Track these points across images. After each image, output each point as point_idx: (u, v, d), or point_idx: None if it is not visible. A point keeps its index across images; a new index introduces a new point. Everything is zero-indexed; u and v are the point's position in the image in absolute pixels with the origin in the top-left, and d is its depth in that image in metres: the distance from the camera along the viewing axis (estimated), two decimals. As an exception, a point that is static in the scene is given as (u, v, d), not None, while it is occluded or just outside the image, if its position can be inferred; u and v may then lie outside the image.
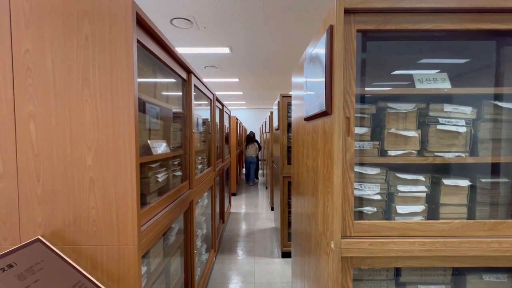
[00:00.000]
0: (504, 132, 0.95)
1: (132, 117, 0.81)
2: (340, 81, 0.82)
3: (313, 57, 1.03)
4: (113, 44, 0.80)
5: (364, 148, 0.96)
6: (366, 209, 0.95)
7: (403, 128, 0.97)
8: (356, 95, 0.92)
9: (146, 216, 0.96)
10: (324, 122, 0.94)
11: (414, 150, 0.96)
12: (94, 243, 0.83)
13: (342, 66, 0.82)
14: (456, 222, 0.86)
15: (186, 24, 3.12)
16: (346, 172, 0.84)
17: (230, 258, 2.66)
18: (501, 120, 0.95)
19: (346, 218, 0.85)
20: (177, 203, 1.33)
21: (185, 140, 1.61)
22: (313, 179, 1.11)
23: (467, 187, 0.96)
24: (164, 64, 1.19)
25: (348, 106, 0.83)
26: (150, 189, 1.12)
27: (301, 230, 1.40)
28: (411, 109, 0.96)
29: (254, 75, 5.55)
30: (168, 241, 1.43)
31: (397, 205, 0.95)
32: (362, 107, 0.97)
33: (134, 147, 0.82)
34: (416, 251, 0.84)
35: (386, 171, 0.97)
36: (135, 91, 0.82)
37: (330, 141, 0.87)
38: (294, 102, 1.66)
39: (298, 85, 1.45)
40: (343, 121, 0.83)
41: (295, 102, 1.64)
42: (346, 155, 0.84)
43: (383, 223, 0.86)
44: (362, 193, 0.94)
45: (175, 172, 1.45)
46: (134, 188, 0.83)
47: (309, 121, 1.19)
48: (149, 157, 1.10)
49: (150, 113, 1.25)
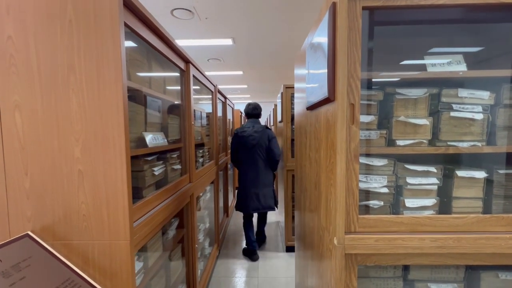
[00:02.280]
0: (525, 119, 0.87)
1: (121, 106, 0.77)
2: (344, 64, 0.75)
3: (315, 41, 0.96)
4: (98, 28, 0.75)
5: (371, 138, 0.89)
6: (372, 203, 0.88)
7: (413, 115, 0.89)
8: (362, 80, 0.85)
9: (140, 210, 0.93)
10: (327, 110, 0.88)
11: (425, 140, 0.89)
12: (85, 239, 0.80)
13: (346, 47, 0.74)
14: (471, 216, 0.79)
15: (187, 15, 3.05)
16: (350, 163, 0.78)
17: (234, 252, 2.64)
18: (523, 106, 0.87)
19: (350, 212, 0.79)
20: (176, 196, 1.30)
21: (184, 132, 1.56)
22: (316, 171, 1.05)
23: (483, 179, 0.88)
24: (159, 52, 1.13)
25: (352, 92, 0.76)
26: (146, 182, 1.08)
27: (304, 225, 1.35)
28: (422, 94, 0.88)
29: (258, 67, 5.45)
30: (168, 235, 1.40)
31: (405, 198, 0.89)
32: (368, 93, 0.89)
33: (123, 139, 0.77)
34: (427, 248, 0.78)
35: (394, 162, 0.90)
36: (123, 79, 0.77)
37: (333, 130, 0.80)
38: (297, 95, 1.59)
39: (300, 77, 1.38)
40: (347, 107, 0.76)
41: (298, 95, 1.57)
42: (350, 145, 0.77)
43: (391, 218, 0.80)
44: (367, 185, 0.88)
45: (174, 165, 1.41)
46: (125, 182, 0.78)
47: (311, 110, 1.13)
48: (144, 149, 1.05)
49: (146, 104, 1.20)
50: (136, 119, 1.08)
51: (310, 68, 1.06)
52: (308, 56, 1.12)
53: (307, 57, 1.14)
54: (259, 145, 2.33)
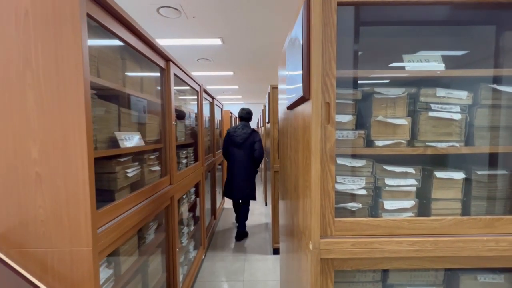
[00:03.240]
0: (503, 119, 0.86)
1: (82, 104, 0.72)
2: (319, 61, 0.72)
3: (292, 38, 0.93)
4: (57, 19, 0.70)
5: (348, 138, 0.86)
6: (350, 205, 0.86)
7: (392, 115, 0.87)
8: (339, 79, 0.82)
9: (108, 214, 0.87)
10: (303, 109, 0.85)
11: (404, 140, 0.87)
12: (43, 246, 0.74)
13: (321, 44, 0.72)
14: (449, 219, 0.77)
15: (174, 13, 2.99)
16: (325, 164, 0.75)
17: (221, 255, 2.59)
18: (500, 106, 0.86)
19: (326, 215, 0.76)
20: (153, 199, 1.24)
21: (164, 133, 1.51)
22: (295, 172, 1.02)
23: (461, 180, 0.87)
24: (134, 49, 1.08)
25: (328, 90, 0.73)
26: (117, 185, 1.03)
27: (286, 227, 1.31)
28: (400, 94, 0.86)
29: (249, 68, 5.42)
30: (146, 240, 1.34)
31: (384, 200, 0.87)
32: (345, 92, 0.87)
33: (85, 138, 0.72)
34: (404, 252, 0.75)
35: (373, 163, 0.88)
36: (85, 74, 0.72)
37: (308, 130, 0.77)
38: (280, 96, 1.56)
39: (283, 78, 1.35)
40: (322, 106, 0.73)
41: (281, 96, 1.54)
42: (326, 145, 0.74)
43: (367, 221, 0.78)
44: (345, 187, 0.86)
45: (152, 166, 1.36)
46: (87, 185, 0.73)
47: (291, 110, 1.10)
48: (115, 150, 1.00)
49: (120, 103, 1.15)
50: (107, 118, 1.03)
51: (289, 66, 1.03)
52: (287, 55, 1.09)
53: (286, 57, 1.12)
54: (245, 144, 2.79)
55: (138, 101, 1.33)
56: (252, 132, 2.79)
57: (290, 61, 1.01)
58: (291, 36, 0.98)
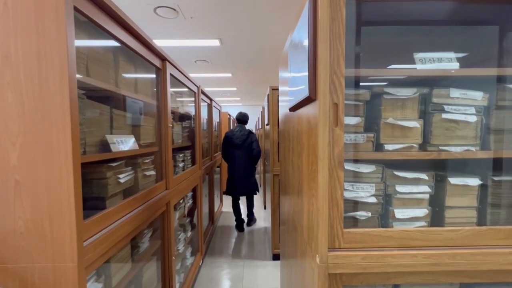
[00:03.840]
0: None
1: (67, 105, 0.65)
2: (326, 59, 0.66)
3: (296, 36, 0.87)
4: (40, 11, 0.63)
5: (357, 142, 0.80)
6: (359, 214, 0.80)
7: (402, 117, 0.82)
8: (348, 78, 0.77)
9: (97, 224, 0.80)
10: (308, 111, 0.79)
11: (415, 144, 0.81)
12: (23, 262, 0.67)
13: (329, 40, 0.66)
14: (466, 229, 0.71)
15: (171, 14, 2.93)
16: (333, 171, 0.69)
17: (219, 261, 2.52)
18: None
19: (334, 226, 0.70)
20: (147, 205, 1.18)
21: (160, 135, 1.44)
22: (298, 178, 0.96)
23: (477, 186, 0.81)
24: (128, 48, 1.02)
25: (336, 90, 0.68)
26: (108, 191, 0.96)
27: (288, 235, 1.25)
28: (412, 94, 0.80)
29: (247, 69, 5.37)
30: (140, 249, 1.27)
31: (395, 208, 0.81)
32: (354, 92, 0.81)
33: (70, 142, 0.66)
34: (419, 265, 0.69)
35: (383, 168, 0.82)
36: (70, 71, 0.66)
37: (314, 133, 0.71)
38: (281, 98, 1.50)
39: (284, 80, 1.29)
40: (329, 108, 0.67)
41: (282, 98, 1.48)
42: (334, 150, 0.68)
43: (379, 232, 0.71)
44: (354, 195, 0.79)
45: (146, 171, 1.29)
46: (72, 193, 0.66)
47: (294, 111, 1.04)
48: (105, 154, 0.93)
49: (113, 104, 1.08)
50: (98, 120, 0.96)
51: (292, 66, 0.98)
52: (290, 55, 1.03)
53: (289, 57, 1.06)
54: (244, 145, 3.08)
55: (132, 102, 1.27)
56: (249, 133, 3.12)
57: (293, 61, 0.95)
58: (293, 35, 0.93)
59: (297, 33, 0.86)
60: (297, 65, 0.89)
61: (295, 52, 0.91)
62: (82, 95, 0.85)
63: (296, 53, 0.90)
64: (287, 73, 1.19)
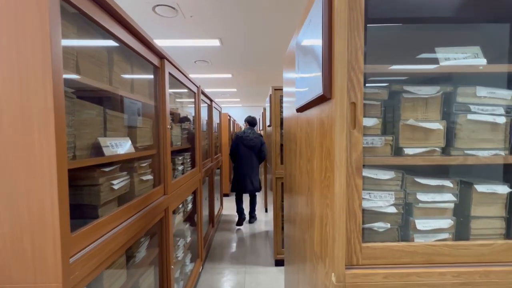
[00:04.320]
0: (553, 123, 0.73)
1: (50, 104, 0.57)
2: (343, 52, 0.59)
3: (306, 30, 0.80)
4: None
5: (374, 145, 0.73)
6: (376, 226, 0.72)
7: (424, 118, 0.74)
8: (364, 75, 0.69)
9: (86, 237, 0.73)
10: (321, 111, 0.71)
11: (438, 147, 0.74)
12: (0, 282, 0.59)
13: (346, 31, 0.59)
14: (499, 243, 0.64)
15: (171, 12, 2.87)
16: (351, 178, 0.61)
17: (219, 267, 2.43)
18: (551, 108, 0.73)
19: (352, 240, 0.63)
20: (144, 213, 1.10)
21: (158, 137, 1.37)
22: (307, 184, 0.89)
23: (506, 194, 0.74)
24: (123, 44, 0.95)
25: (354, 88, 0.60)
26: (101, 199, 0.88)
27: (294, 244, 1.17)
28: (434, 93, 0.73)
29: (248, 70, 5.31)
30: (135, 258, 1.19)
31: (416, 219, 0.73)
32: (370, 91, 0.74)
33: (54, 146, 0.58)
34: (449, 285, 0.62)
35: (402, 175, 0.74)
36: (54, 66, 0.58)
37: (329, 136, 0.64)
38: (286, 99, 1.43)
39: (289, 81, 1.22)
40: (347, 108, 0.60)
41: (287, 99, 1.41)
42: (352, 155, 0.61)
43: (401, 246, 0.64)
44: (371, 204, 0.72)
45: (143, 175, 1.21)
46: (56, 204, 0.59)
47: (302, 112, 0.96)
48: (97, 159, 0.86)
49: (107, 104, 1.01)
50: (90, 122, 0.89)
51: (300, 64, 0.90)
52: (297, 52, 0.96)
53: (296, 54, 0.98)
54: (255, 147, 3.33)
55: (129, 102, 1.19)
56: (259, 137, 3.38)
57: (302, 58, 0.88)
58: (302, 30, 0.85)
59: (307, 28, 0.78)
60: (306, 63, 0.82)
61: (304, 48, 0.83)
62: (72, 94, 0.77)
63: (305, 49, 0.82)
64: (292, 73, 1.12)
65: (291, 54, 1.16)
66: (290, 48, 1.24)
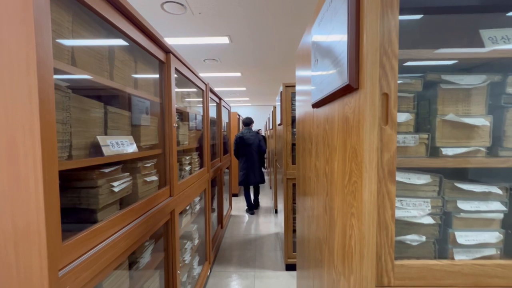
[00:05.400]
0: None
1: (35, 99, 0.51)
2: (375, 33, 0.49)
3: (324, 12, 0.70)
4: (0, -23, 0.49)
5: (406, 144, 0.63)
6: (409, 239, 0.62)
7: (465, 113, 0.63)
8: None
9: (79, 246, 0.66)
10: (344, 104, 0.62)
11: (483, 147, 0.63)
12: (-18, 297, 0.53)
13: (379, 7, 0.49)
14: None
15: (179, 9, 2.81)
16: (382, 184, 0.51)
17: (228, 270, 2.36)
18: None
19: (383, 256, 0.53)
20: (148, 216, 1.03)
21: (163, 136, 1.30)
22: (325, 188, 0.79)
23: None
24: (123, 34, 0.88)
25: (386, 76, 0.50)
26: (99, 203, 0.81)
27: (309, 252, 1.07)
28: (480, 83, 0.62)
29: (257, 68, 5.22)
30: (139, 264, 1.13)
31: (456, 231, 0.62)
32: (401, 81, 0.63)
33: (39, 145, 0.51)
34: (503, 315, 0.51)
35: (440, 179, 0.64)
36: (40, 55, 0.51)
37: (355, 133, 0.54)
38: (299, 98, 1.33)
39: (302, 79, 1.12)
40: (378, 99, 0.50)
41: (300, 98, 1.31)
42: (383, 156, 0.51)
43: (443, 266, 0.54)
44: (404, 214, 0.62)
45: (148, 176, 1.15)
46: (42, 210, 0.52)
47: (319, 108, 0.87)
48: (94, 159, 0.79)
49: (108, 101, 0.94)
50: (88, 119, 0.82)
51: (317, 54, 0.81)
52: (313, 43, 0.86)
53: (312, 45, 0.88)
54: (253, 144, 3.74)
55: (133, 99, 1.13)
56: (257, 133, 3.83)
57: (319, 47, 0.78)
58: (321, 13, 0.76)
59: (327, 10, 0.69)
60: (325, 52, 0.72)
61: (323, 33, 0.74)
62: (66, 88, 0.71)
63: (324, 34, 0.73)
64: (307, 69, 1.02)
65: (305, 48, 1.06)
66: (303, 42, 1.15)
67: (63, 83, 0.71)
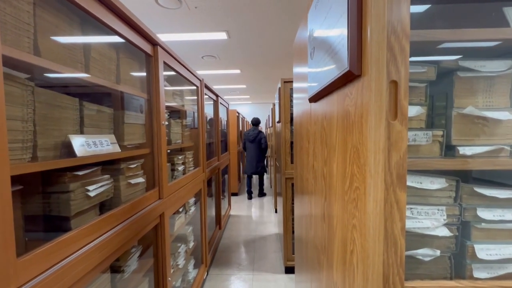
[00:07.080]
0: None
1: (-28, 88, 0.42)
2: (381, 5, 0.40)
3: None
4: None
5: (416, 143, 0.54)
6: (421, 253, 0.53)
7: (487, 105, 0.54)
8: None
9: (44, 260, 0.58)
10: (345, 96, 0.52)
11: (508, 146, 0.53)
12: None
13: (385, -26, 0.40)
14: None
15: (174, 4, 2.72)
16: (390, 191, 0.43)
17: (225, 273, 2.28)
18: None
19: (391, 277, 0.44)
20: (132, 221, 0.95)
21: (151, 135, 1.21)
22: (324, 192, 0.70)
23: None
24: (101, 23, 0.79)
25: (395, 59, 0.41)
26: (72, 209, 0.73)
27: (307, 259, 0.99)
28: (504, 70, 0.53)
29: (257, 65, 5.11)
30: (124, 272, 1.05)
31: (476, 243, 0.53)
32: (411, 69, 0.54)
33: (-22, 146, 0.43)
34: None
35: (457, 183, 0.55)
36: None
37: (357, 130, 0.45)
38: (297, 96, 1.24)
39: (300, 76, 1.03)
40: (386, 88, 0.41)
41: (297, 96, 1.22)
42: (391, 158, 0.42)
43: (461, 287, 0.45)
44: (415, 224, 0.53)
45: (132, 178, 1.07)
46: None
47: (316, 102, 0.78)
48: (64, 161, 0.70)
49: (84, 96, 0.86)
50: (59, 116, 0.74)
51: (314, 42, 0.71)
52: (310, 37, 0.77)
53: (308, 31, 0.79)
54: (255, 140, 4.36)
55: (116, 95, 1.04)
56: (259, 132, 4.38)
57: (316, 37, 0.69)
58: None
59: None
60: (323, 37, 0.63)
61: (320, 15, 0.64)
62: (27, 80, 0.62)
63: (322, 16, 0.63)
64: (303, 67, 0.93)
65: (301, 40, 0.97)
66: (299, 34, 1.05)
67: (22, 75, 0.62)
